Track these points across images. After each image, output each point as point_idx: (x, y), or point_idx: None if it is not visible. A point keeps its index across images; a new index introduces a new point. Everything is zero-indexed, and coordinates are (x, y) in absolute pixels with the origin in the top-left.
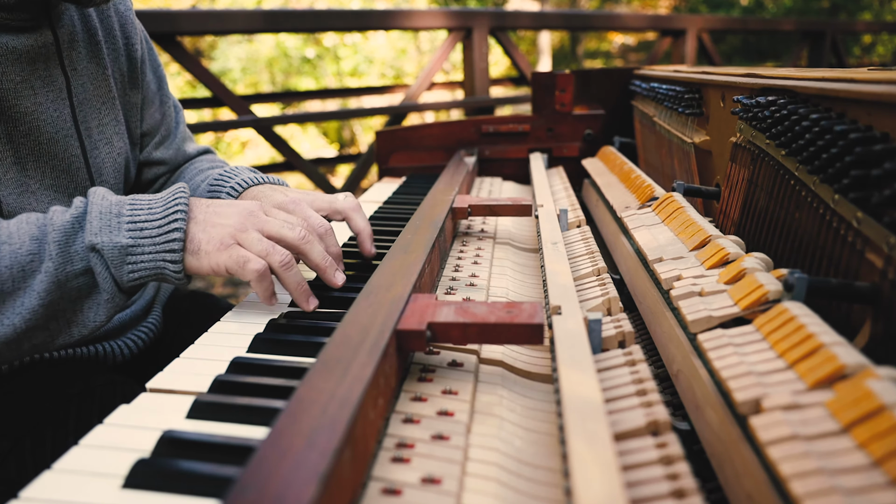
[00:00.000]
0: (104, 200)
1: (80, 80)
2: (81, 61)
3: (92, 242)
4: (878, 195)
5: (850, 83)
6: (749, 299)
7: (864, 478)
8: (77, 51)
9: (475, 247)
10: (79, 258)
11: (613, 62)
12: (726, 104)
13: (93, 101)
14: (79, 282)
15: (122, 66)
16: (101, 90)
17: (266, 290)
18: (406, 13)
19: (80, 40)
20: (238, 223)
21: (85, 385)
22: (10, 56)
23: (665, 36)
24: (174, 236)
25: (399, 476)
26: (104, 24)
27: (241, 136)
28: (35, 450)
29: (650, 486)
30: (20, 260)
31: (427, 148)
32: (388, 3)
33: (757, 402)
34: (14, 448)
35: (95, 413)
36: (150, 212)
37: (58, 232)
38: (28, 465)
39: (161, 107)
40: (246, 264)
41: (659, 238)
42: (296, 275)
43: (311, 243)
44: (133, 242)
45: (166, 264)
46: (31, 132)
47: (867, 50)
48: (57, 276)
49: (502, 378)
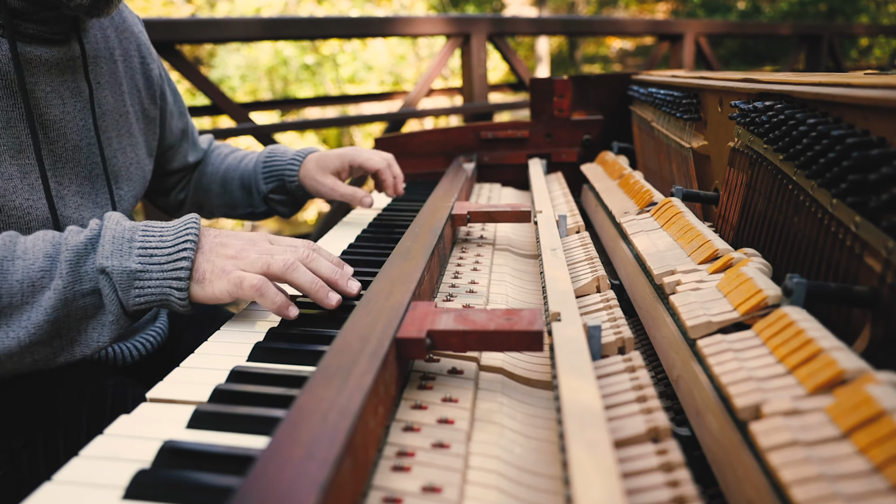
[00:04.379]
0: (118, 226)
1: (103, 92)
2: (103, 76)
3: (102, 265)
4: (876, 199)
5: (846, 88)
6: (748, 304)
7: (864, 483)
8: (99, 66)
9: (474, 253)
10: (88, 279)
11: (611, 67)
12: (724, 109)
13: (112, 114)
14: (86, 301)
15: (138, 83)
16: (119, 103)
17: (273, 302)
18: (405, 20)
19: (102, 56)
20: (240, 248)
21: (97, 386)
22: (42, 66)
23: (663, 41)
24: (181, 265)
25: (399, 485)
26: (122, 44)
27: (240, 143)
28: (47, 449)
29: (651, 494)
30: (31, 275)
31: (426, 154)
32: (386, 10)
33: (757, 407)
34: (26, 446)
35: (107, 413)
36: (160, 239)
37: (70, 252)
38: (40, 464)
39: (182, 117)
40: (242, 283)
41: (658, 243)
42: (304, 273)
43: (317, 260)
44: (142, 268)
45: (172, 291)
46: (60, 139)
47: (864, 53)
48: (65, 293)
49: (502, 385)
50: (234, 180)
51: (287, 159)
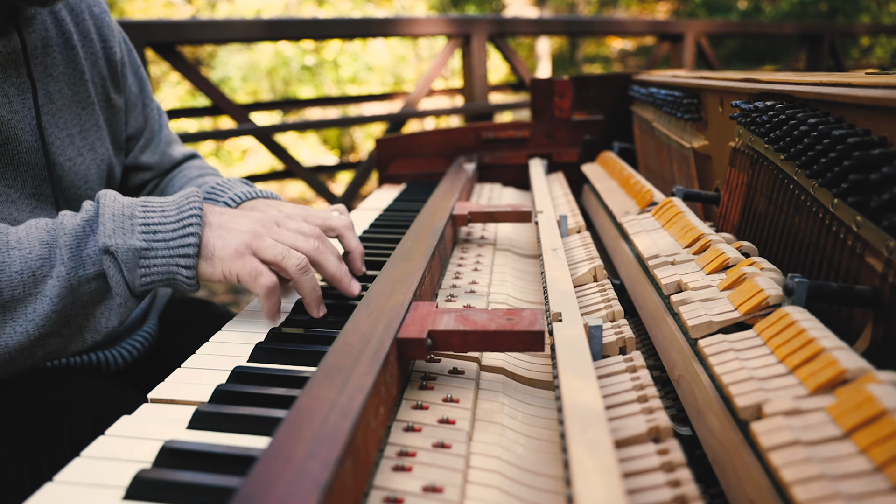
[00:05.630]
0: (116, 202)
1: (58, 85)
2: (57, 66)
3: (106, 245)
4: (877, 199)
5: (847, 87)
6: (749, 304)
7: (866, 483)
8: (52, 56)
9: (475, 253)
10: (91, 262)
11: (612, 67)
12: (725, 109)
13: (72, 107)
14: (91, 286)
15: (101, 69)
16: (80, 95)
17: (272, 306)
18: (406, 21)
19: (55, 45)
20: (253, 230)
21: (79, 393)
22: None
23: (664, 41)
24: (189, 241)
25: (401, 485)
26: (79, 27)
27: (241, 144)
28: (31, 458)
29: (652, 493)
30: (30, 265)
31: (427, 155)
32: (386, 11)
33: (758, 407)
34: (10, 456)
35: (90, 421)
36: (163, 214)
37: (69, 236)
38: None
39: (144, 110)
40: (258, 278)
41: (659, 243)
42: (311, 280)
43: (325, 254)
44: (147, 245)
45: (180, 269)
46: (9, 141)
47: (865, 52)
48: (69, 280)
49: (503, 385)
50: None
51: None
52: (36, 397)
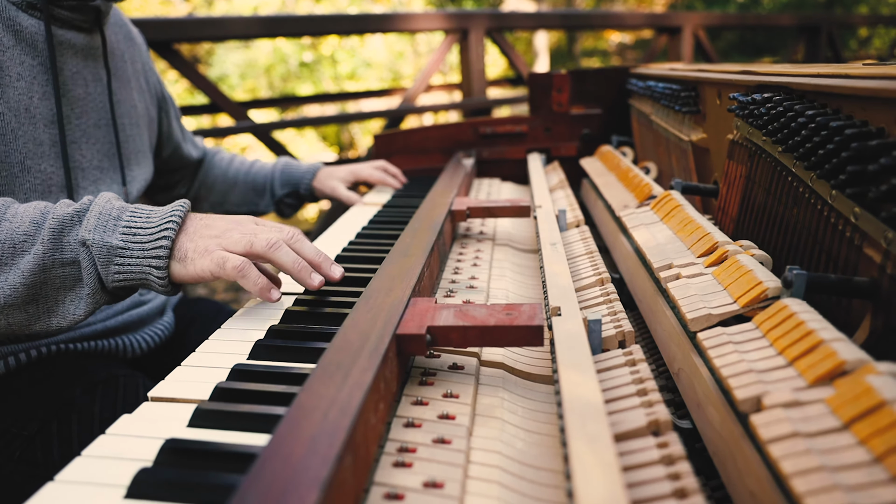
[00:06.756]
0: (108, 204)
1: (116, 83)
2: (117, 69)
3: (84, 238)
4: (875, 190)
5: (845, 79)
6: (748, 296)
7: (865, 474)
8: (114, 60)
9: (474, 249)
10: (69, 249)
11: (610, 60)
12: (723, 102)
13: (124, 103)
14: (64, 271)
15: (141, 84)
16: (128, 96)
17: (255, 283)
18: (403, 16)
19: (116, 53)
20: (224, 228)
21: (109, 374)
22: (70, 49)
23: (661, 33)
24: (161, 244)
25: (401, 481)
26: (129, 50)
27: (239, 141)
28: (61, 433)
29: (652, 487)
30: (14, 238)
31: (425, 150)
32: (384, 6)
33: (758, 399)
34: (40, 430)
35: (119, 401)
36: (146, 220)
37: (56, 220)
38: (53, 447)
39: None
40: (225, 263)
41: (658, 237)
42: (287, 254)
43: (301, 241)
44: (123, 245)
45: (151, 270)
46: (84, 115)
47: (864, 43)
48: (44, 259)
49: (503, 380)
50: (244, 183)
51: (302, 171)
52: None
